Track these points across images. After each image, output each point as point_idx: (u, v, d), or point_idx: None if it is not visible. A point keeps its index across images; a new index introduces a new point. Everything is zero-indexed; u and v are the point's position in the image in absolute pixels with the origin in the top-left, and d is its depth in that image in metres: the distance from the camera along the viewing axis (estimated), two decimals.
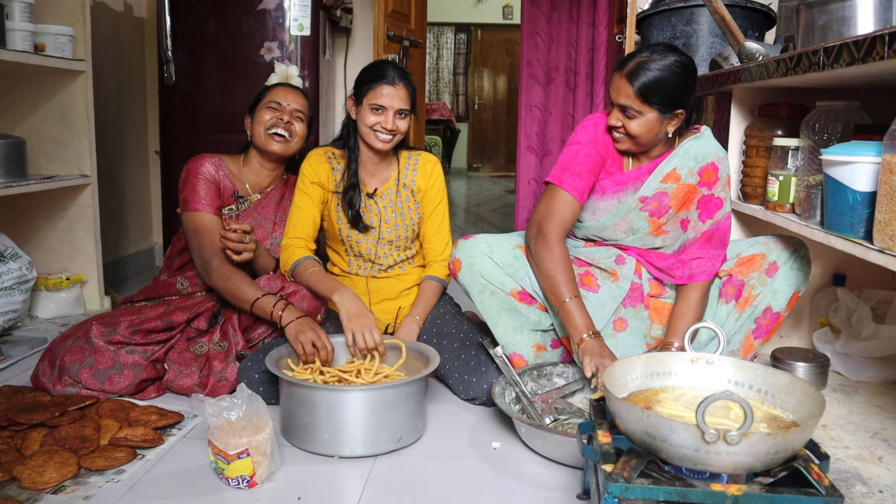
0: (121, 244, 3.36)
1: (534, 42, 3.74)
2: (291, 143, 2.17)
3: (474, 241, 1.93)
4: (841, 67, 1.44)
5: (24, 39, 2.28)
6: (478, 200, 7.39)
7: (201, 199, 2.06)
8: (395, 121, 2.03)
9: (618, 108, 1.78)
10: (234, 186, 2.16)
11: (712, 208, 1.86)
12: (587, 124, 1.92)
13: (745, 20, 2.66)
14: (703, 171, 1.85)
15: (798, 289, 1.92)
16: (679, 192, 1.85)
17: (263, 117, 2.14)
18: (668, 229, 1.89)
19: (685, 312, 1.84)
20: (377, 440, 1.62)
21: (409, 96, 2.06)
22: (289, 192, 2.25)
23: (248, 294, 1.93)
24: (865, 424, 1.77)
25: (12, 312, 2.33)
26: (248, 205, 2.18)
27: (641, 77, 1.72)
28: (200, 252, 2.01)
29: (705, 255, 1.87)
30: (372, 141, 2.05)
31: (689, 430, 1.05)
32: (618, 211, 1.89)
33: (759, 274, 1.90)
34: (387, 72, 2.03)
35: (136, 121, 3.49)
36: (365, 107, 2.04)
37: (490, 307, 1.91)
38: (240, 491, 1.46)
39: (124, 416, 1.75)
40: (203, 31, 2.90)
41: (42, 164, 2.64)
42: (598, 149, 1.87)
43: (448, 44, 10.61)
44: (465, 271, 1.91)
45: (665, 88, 1.73)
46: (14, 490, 1.43)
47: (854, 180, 1.48)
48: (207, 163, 2.12)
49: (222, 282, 1.96)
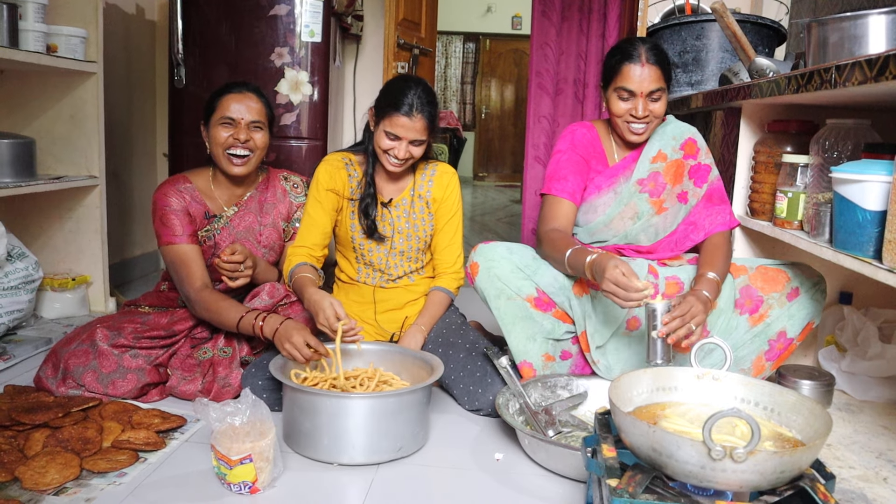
0: (127, 246, 3.37)
1: (543, 53, 3.74)
2: (252, 159, 2.07)
3: (493, 245, 1.94)
4: (853, 86, 1.44)
5: (36, 40, 2.29)
6: (483, 210, 7.39)
7: (173, 232, 2.00)
8: (408, 149, 1.99)
9: (644, 97, 1.88)
10: (204, 207, 2.08)
11: (703, 173, 2.02)
12: (564, 134, 2.07)
13: (756, 36, 2.66)
14: (685, 146, 2.01)
15: (813, 319, 1.96)
16: (670, 169, 1.98)
17: (219, 136, 2.02)
18: (667, 206, 1.99)
19: (711, 252, 1.92)
20: (377, 448, 1.61)
21: (427, 126, 1.99)
22: (270, 195, 2.20)
23: (231, 318, 1.89)
24: (871, 444, 1.76)
25: (17, 312, 2.33)
26: (225, 221, 2.11)
27: (661, 58, 1.89)
28: (180, 286, 1.99)
29: (713, 212, 2.00)
30: (384, 162, 2.02)
31: (696, 446, 1.05)
32: (619, 200, 1.98)
33: (779, 296, 1.94)
34: (406, 100, 1.94)
35: (146, 123, 3.50)
36: (380, 130, 1.99)
37: (506, 313, 1.90)
38: (242, 497, 1.46)
39: (127, 419, 1.75)
40: (214, 35, 2.91)
41: (51, 165, 2.64)
42: (577, 151, 2.01)
43: (456, 53, 10.64)
44: (482, 275, 1.91)
45: (670, 65, 1.94)
46: (16, 490, 1.43)
47: (864, 199, 1.48)
48: (171, 192, 2.04)
49: (206, 313, 1.93)
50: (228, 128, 2.03)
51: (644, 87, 1.87)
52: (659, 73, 1.89)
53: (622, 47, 1.91)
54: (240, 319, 1.88)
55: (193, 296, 1.95)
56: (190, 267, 1.98)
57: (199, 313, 1.96)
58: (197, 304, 1.94)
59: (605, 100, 1.97)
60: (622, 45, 1.92)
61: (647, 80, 1.87)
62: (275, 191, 2.21)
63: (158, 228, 2.02)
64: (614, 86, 1.91)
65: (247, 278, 1.95)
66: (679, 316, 1.64)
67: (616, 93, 1.91)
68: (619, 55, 1.90)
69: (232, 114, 2.03)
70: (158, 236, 2.03)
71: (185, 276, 1.97)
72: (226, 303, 1.93)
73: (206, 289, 1.96)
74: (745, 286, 1.95)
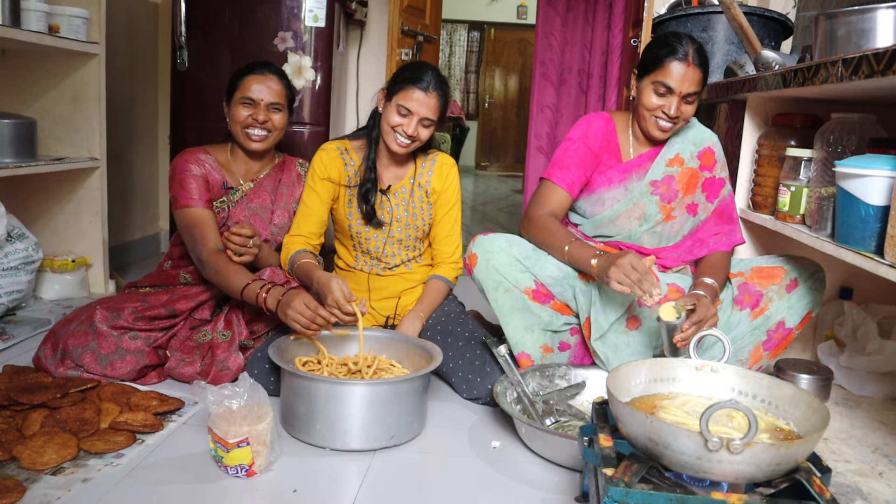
0: (127, 229, 3.37)
1: (548, 43, 3.72)
2: (271, 138, 2.11)
3: (493, 237, 1.93)
4: (859, 80, 1.43)
5: (38, 20, 2.27)
6: (484, 199, 7.38)
7: (190, 195, 2.03)
8: (418, 128, 1.99)
9: (679, 97, 1.85)
10: (223, 178, 2.11)
11: (716, 188, 2.00)
12: (580, 123, 2.02)
13: (762, 29, 2.64)
14: (702, 155, 1.97)
15: (812, 308, 1.96)
16: (684, 177, 1.95)
17: (239, 114, 2.07)
18: (675, 215, 1.97)
19: (712, 265, 1.92)
20: (370, 436, 1.61)
21: (440, 107, 2.00)
22: (286, 177, 2.22)
23: (238, 283, 1.89)
24: (867, 439, 1.76)
25: (17, 292, 2.33)
26: (241, 195, 2.14)
27: (705, 62, 1.86)
28: (193, 247, 2.00)
29: (720, 231, 2.00)
30: (389, 141, 2.02)
31: (693, 437, 1.04)
32: (628, 198, 1.95)
33: (778, 288, 1.94)
34: (423, 76, 1.97)
35: (147, 106, 3.49)
36: (392, 105, 1.99)
37: (503, 305, 1.90)
38: (238, 479, 1.46)
39: (125, 401, 1.75)
40: (217, 18, 2.89)
41: (52, 146, 2.64)
42: (587, 144, 1.97)
43: (461, 41, 10.59)
44: (480, 266, 1.90)
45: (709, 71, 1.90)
46: (13, 469, 1.44)
47: (867, 194, 1.47)
48: (192, 159, 2.07)
49: (215, 275, 1.94)
50: (248, 108, 2.07)
51: (684, 87, 1.83)
52: (700, 77, 1.85)
53: (670, 41, 1.84)
54: (245, 286, 1.88)
55: (205, 256, 1.95)
56: (205, 229, 2.00)
57: (208, 275, 1.96)
58: (208, 264, 1.95)
59: (637, 88, 1.92)
60: (670, 40, 1.85)
61: (688, 80, 1.82)
62: (290, 174, 2.23)
63: (176, 192, 2.04)
64: (653, 78, 1.85)
65: (251, 257, 1.95)
66: (696, 322, 1.68)
67: (653, 85, 1.86)
68: (666, 49, 1.83)
69: (252, 94, 2.06)
70: (175, 200, 2.04)
71: (198, 238, 1.98)
72: (234, 268, 1.93)
73: (219, 252, 1.97)
74: (742, 283, 1.95)
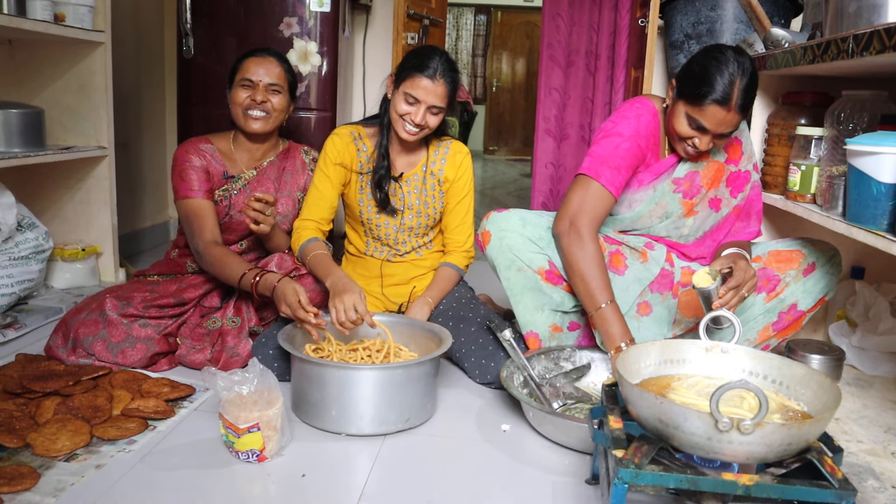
0: (137, 217, 3.38)
1: (555, 24, 3.69)
2: (270, 119, 2.09)
3: (507, 214, 1.88)
4: (871, 55, 1.41)
5: (44, 9, 2.27)
6: (493, 183, 7.37)
7: (190, 186, 2.03)
8: (426, 116, 1.96)
9: (713, 135, 1.71)
10: (223, 168, 2.11)
11: (741, 182, 1.90)
12: (628, 115, 1.83)
13: (771, 6, 2.61)
14: (729, 147, 1.88)
15: (827, 292, 1.93)
16: (709, 171, 1.86)
17: (239, 96, 2.06)
18: (698, 210, 1.90)
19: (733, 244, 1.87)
20: (385, 420, 1.62)
21: (448, 93, 1.96)
22: (290, 165, 2.21)
23: (235, 272, 1.90)
24: (879, 419, 1.76)
25: (28, 282, 2.34)
26: (243, 183, 2.13)
27: (747, 104, 1.67)
28: (191, 238, 2.01)
29: (736, 228, 1.94)
30: (398, 129, 1.99)
31: (703, 418, 1.04)
32: (652, 198, 1.87)
33: (796, 272, 1.91)
34: (430, 63, 1.93)
35: (155, 93, 3.49)
36: (400, 93, 1.96)
37: (515, 284, 1.88)
38: (249, 464, 1.47)
39: (137, 388, 1.77)
40: (223, 4, 2.88)
41: (60, 135, 2.64)
42: (639, 143, 1.80)
43: (468, 25, 10.52)
44: (493, 244, 1.87)
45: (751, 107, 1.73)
46: (27, 456, 1.45)
47: (879, 171, 1.46)
48: (192, 150, 2.07)
49: (212, 267, 1.95)
50: (247, 89, 2.07)
51: (720, 129, 1.69)
52: (740, 119, 1.69)
53: (715, 79, 1.63)
54: (242, 276, 1.89)
55: (202, 247, 1.96)
56: (203, 220, 2.00)
57: (205, 266, 1.97)
58: (205, 256, 1.95)
59: (671, 100, 1.77)
60: (717, 76, 1.63)
61: (726, 124, 1.68)
62: (294, 162, 2.22)
63: (177, 183, 2.05)
64: (690, 111, 1.70)
65: (267, 227, 1.96)
66: (734, 287, 1.61)
67: (688, 119, 1.71)
68: (708, 88, 1.63)
69: (251, 75, 2.07)
70: (176, 191, 2.05)
71: (196, 229, 1.99)
72: (232, 258, 1.94)
73: (216, 243, 1.98)
74: (761, 269, 1.92)
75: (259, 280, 1.86)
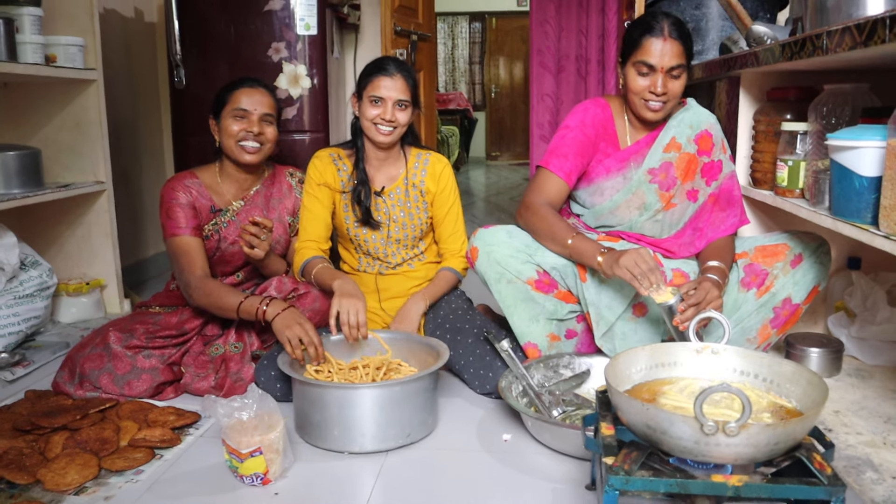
0: (140, 247, 3.42)
1: (543, 30, 3.72)
2: (264, 150, 2.11)
3: (494, 230, 1.94)
4: (844, 51, 1.42)
5: (35, 52, 2.32)
6: (496, 189, 7.38)
7: (177, 224, 2.04)
8: (394, 112, 2.04)
9: (663, 73, 1.82)
10: (210, 202, 2.11)
11: (715, 172, 1.97)
12: (576, 110, 2.00)
13: (757, 1, 2.61)
14: (700, 139, 1.94)
15: (818, 283, 1.94)
16: (682, 162, 1.93)
17: (231, 128, 2.06)
18: (676, 202, 1.94)
19: (719, 248, 1.91)
20: (386, 436, 1.64)
21: (409, 87, 2.06)
22: (276, 191, 2.23)
23: (232, 301, 1.91)
24: (880, 410, 1.76)
25: (34, 319, 2.38)
26: (231, 215, 2.13)
27: (683, 34, 1.83)
28: (181, 276, 2.02)
29: (718, 217, 1.96)
30: (373, 134, 2.06)
31: (688, 422, 1.06)
32: (627, 187, 1.93)
33: (783, 265, 1.92)
34: (384, 64, 2.06)
35: (152, 125, 3.53)
36: (365, 100, 2.05)
37: (507, 296, 1.91)
38: (255, 488, 1.49)
39: (143, 418, 1.79)
40: (211, 34, 2.92)
41: (58, 173, 2.69)
42: (585, 132, 1.95)
43: (463, 33, 10.57)
44: (482, 259, 1.91)
45: (692, 43, 1.87)
46: (38, 492, 1.48)
47: (860, 165, 1.47)
48: (178, 186, 2.08)
49: (205, 298, 1.96)
50: (241, 120, 2.07)
51: (665, 61, 1.81)
52: (680, 49, 1.82)
53: (643, 20, 1.85)
54: (240, 304, 1.90)
55: (194, 282, 1.98)
56: (192, 256, 2.02)
57: (198, 300, 1.97)
58: (197, 290, 1.97)
59: (623, 76, 1.92)
60: (643, 19, 1.86)
61: (667, 54, 1.81)
62: (281, 186, 2.24)
63: (164, 221, 2.07)
64: (633, 60, 1.85)
65: (262, 252, 1.98)
66: (693, 304, 1.67)
67: (635, 67, 1.85)
68: (641, 28, 1.84)
69: (245, 105, 2.07)
70: (164, 228, 2.07)
71: (185, 265, 2.01)
72: (225, 289, 1.97)
73: (207, 277, 2.00)
74: (748, 265, 1.94)
75: (267, 308, 1.86)
